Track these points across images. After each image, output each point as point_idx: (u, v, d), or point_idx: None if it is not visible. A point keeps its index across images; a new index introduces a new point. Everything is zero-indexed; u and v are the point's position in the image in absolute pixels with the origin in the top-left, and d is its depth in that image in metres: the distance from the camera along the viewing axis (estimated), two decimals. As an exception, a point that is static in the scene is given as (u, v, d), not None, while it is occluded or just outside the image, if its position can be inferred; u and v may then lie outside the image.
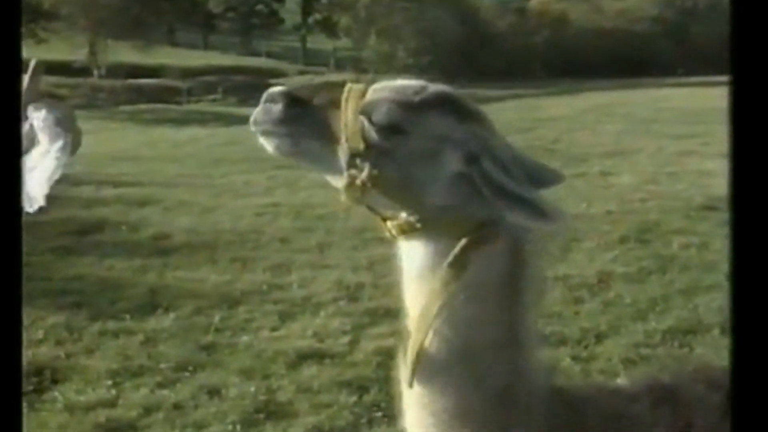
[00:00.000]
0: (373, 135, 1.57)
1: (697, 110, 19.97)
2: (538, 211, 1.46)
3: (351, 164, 1.58)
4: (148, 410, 4.65)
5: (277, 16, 79.36)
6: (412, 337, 1.60)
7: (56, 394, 4.85)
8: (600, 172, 12.65)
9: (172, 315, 6.18)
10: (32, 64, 1.73)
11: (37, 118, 1.61)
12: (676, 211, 9.48)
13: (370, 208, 1.65)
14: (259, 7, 77.03)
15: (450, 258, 1.55)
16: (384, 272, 7.03)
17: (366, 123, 1.58)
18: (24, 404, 4.68)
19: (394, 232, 1.62)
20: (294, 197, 11.09)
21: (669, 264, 7.35)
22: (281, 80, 52.56)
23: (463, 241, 1.54)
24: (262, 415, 4.59)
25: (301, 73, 58.15)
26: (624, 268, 7.22)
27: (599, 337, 5.57)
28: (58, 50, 45.18)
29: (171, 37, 65.79)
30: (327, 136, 1.61)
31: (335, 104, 1.62)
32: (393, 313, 6.10)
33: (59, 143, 1.61)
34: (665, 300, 6.35)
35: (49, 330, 5.80)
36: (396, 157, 1.57)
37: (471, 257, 1.54)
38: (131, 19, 47.02)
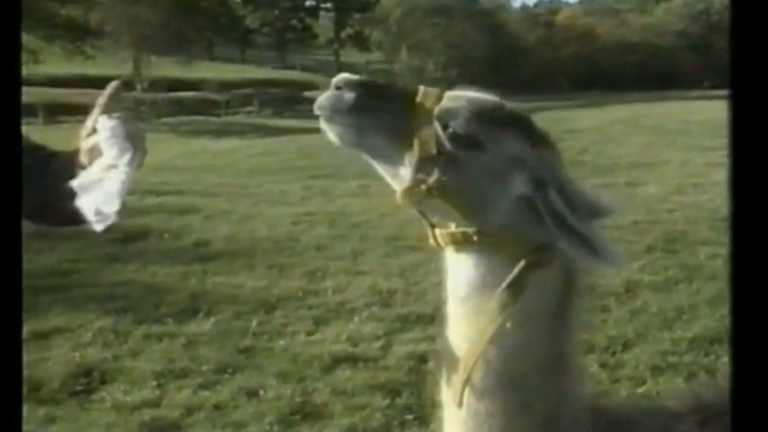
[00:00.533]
0: (447, 143, 1.52)
1: (723, 123, 19.57)
2: (595, 251, 1.42)
3: (420, 168, 1.52)
4: (190, 410, 4.70)
5: (311, 31, 79.72)
6: (463, 359, 1.54)
7: (104, 394, 4.90)
8: (627, 183, 12.58)
9: (212, 319, 6.22)
10: (113, 84, 1.75)
11: (104, 129, 1.65)
12: (702, 221, 9.40)
13: (422, 214, 1.59)
14: (294, 22, 77.44)
15: (509, 279, 1.49)
16: (416, 279, 7.06)
17: (441, 130, 1.53)
18: (74, 403, 4.76)
19: (442, 240, 1.57)
20: (329, 206, 11.14)
21: (695, 273, 7.28)
22: (315, 93, 52.62)
23: (523, 263, 1.49)
24: (298, 417, 4.62)
25: (335, 86, 58.27)
26: (651, 277, 7.17)
27: (626, 345, 5.54)
28: (104, 66, 45.69)
29: (210, 52, 66.29)
30: (396, 135, 1.55)
31: (409, 104, 1.56)
32: (424, 319, 6.12)
33: (127, 158, 1.64)
34: (692, 309, 6.29)
35: (97, 333, 5.87)
36: (467, 169, 1.51)
37: (528, 280, 1.49)
38: (172, 35, 47.44)
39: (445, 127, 1.53)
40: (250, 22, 72.83)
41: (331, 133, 1.60)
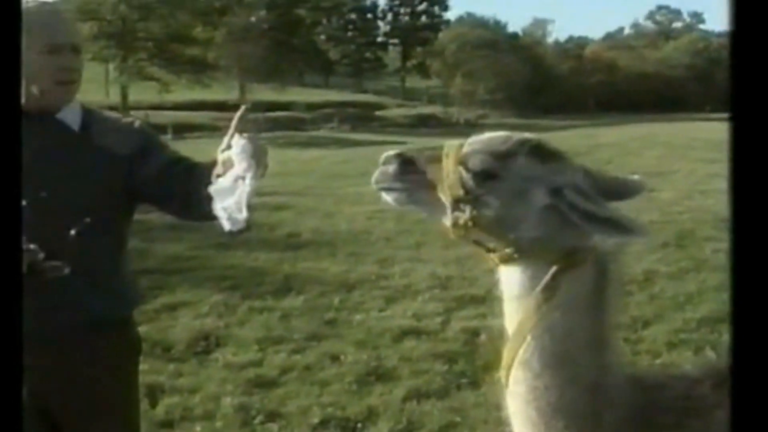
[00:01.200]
0: (470, 182, 1.52)
1: (722, 140, 18.89)
2: (622, 228, 1.39)
3: (454, 208, 1.53)
4: (285, 370, 4.75)
5: (381, 61, 79.74)
6: (509, 346, 1.56)
7: (218, 355, 4.99)
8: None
9: (302, 297, 6.27)
10: (242, 108, 1.80)
11: (237, 145, 1.70)
12: (707, 222, 9.13)
13: (476, 242, 1.58)
14: (368, 54, 77.56)
15: (542, 284, 1.49)
16: (469, 267, 7.00)
17: (464, 172, 1.53)
18: (196, 362, 4.85)
19: (496, 261, 1.56)
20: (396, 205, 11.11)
21: (702, 265, 7.09)
22: (384, 111, 52.98)
23: (554, 269, 1.48)
24: (372, 378, 4.62)
25: (399, 106, 58.26)
26: (666, 268, 7.00)
27: (646, 324, 5.42)
28: (217, 92, 46.59)
29: (300, 79, 66.86)
30: (433, 187, 1.56)
31: (438, 159, 1.56)
32: (477, 300, 6.08)
33: (252, 172, 1.67)
34: (700, 294, 6.13)
35: (212, 306, 5.96)
36: (491, 199, 1.50)
37: (561, 282, 1.48)
38: (270, 66, 48.02)
39: (466, 169, 1.53)
40: (332, 55, 73.18)
41: (389, 198, 1.64)
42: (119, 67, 46.01)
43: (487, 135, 1.58)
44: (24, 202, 2.08)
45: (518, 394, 1.57)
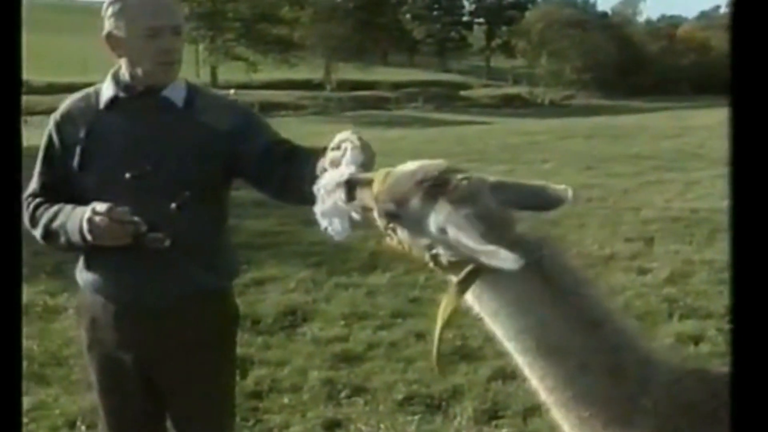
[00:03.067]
0: (383, 215, 1.65)
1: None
2: (497, 258, 1.43)
3: (385, 233, 1.68)
4: (371, 346, 4.79)
5: (466, 41, 78.90)
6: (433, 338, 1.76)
7: (305, 329, 5.07)
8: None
9: (387, 274, 6.28)
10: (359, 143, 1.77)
11: (349, 152, 1.70)
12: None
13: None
14: (453, 34, 76.93)
15: (454, 282, 1.58)
16: (555, 249, 6.87)
17: (378, 207, 1.66)
18: (283, 336, 4.95)
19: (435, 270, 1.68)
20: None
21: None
22: (469, 92, 52.44)
23: (464, 271, 1.55)
24: (457, 356, 4.60)
25: (485, 86, 57.60)
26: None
27: None
28: (303, 71, 47.25)
29: (384, 59, 66.91)
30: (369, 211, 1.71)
31: (369, 186, 1.69)
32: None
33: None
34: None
35: (299, 282, 6.05)
36: (400, 232, 1.64)
37: (472, 281, 1.56)
38: (355, 46, 48.34)
39: (380, 205, 1.66)
40: (416, 34, 72.90)
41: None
42: (209, 47, 47.26)
43: (402, 170, 1.67)
44: (128, 175, 2.17)
45: (543, 390, 1.59)
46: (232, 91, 25.09)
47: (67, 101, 2.35)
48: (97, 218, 2.09)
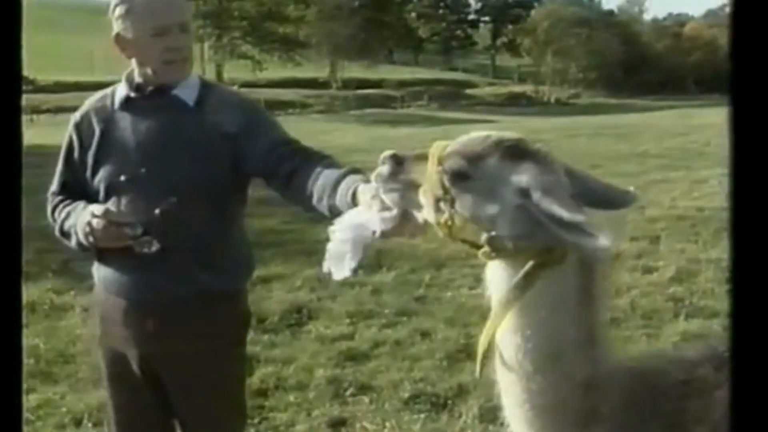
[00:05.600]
0: (446, 182, 1.52)
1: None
2: (586, 234, 1.35)
3: (436, 208, 1.53)
4: (376, 344, 4.78)
5: (471, 39, 78.87)
6: (481, 340, 1.59)
7: (311, 327, 5.07)
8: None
9: (393, 273, 6.28)
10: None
11: (374, 197, 1.69)
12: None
13: (462, 241, 1.56)
14: (458, 32, 76.94)
15: (515, 280, 1.48)
16: (561, 248, 6.87)
17: (443, 173, 1.52)
18: (289, 334, 4.95)
19: (483, 258, 1.55)
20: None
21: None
22: (475, 90, 52.37)
23: (528, 265, 1.46)
24: (462, 355, 4.60)
25: (490, 84, 57.54)
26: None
27: None
28: (308, 70, 47.27)
29: (389, 57, 66.89)
30: (418, 187, 1.57)
31: (424, 159, 1.57)
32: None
33: (375, 229, 1.66)
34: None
35: (305, 280, 6.04)
36: (465, 199, 1.50)
37: (537, 278, 1.46)
38: (361, 44, 48.31)
39: (444, 170, 1.52)
40: (422, 32, 72.91)
41: (385, 199, 1.63)
42: (214, 45, 47.32)
43: (469, 135, 1.57)
44: (123, 178, 2.17)
45: (513, 395, 1.57)
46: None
47: (87, 102, 2.36)
48: (94, 221, 2.10)
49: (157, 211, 2.13)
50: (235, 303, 2.36)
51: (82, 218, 2.17)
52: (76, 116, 2.33)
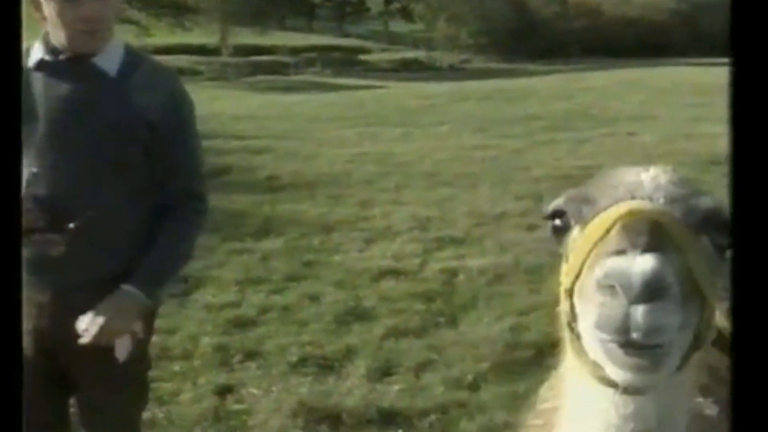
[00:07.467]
0: None
1: (704, 84, 18.96)
2: None
3: None
4: (264, 310, 4.76)
5: (364, 5, 78.14)
6: None
7: (197, 296, 4.97)
8: (627, 133, 12.21)
9: (281, 238, 6.24)
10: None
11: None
12: (688, 164, 9.13)
13: None
14: (351, -2, 76.36)
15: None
16: (449, 208, 6.99)
17: None
18: (175, 303, 4.80)
19: None
20: (377, 148, 11.01)
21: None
22: (368, 56, 52.29)
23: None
24: (351, 317, 4.65)
25: (384, 50, 57.54)
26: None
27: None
28: (198, 36, 45.72)
29: (282, 24, 65.56)
30: None
31: None
32: (456, 241, 6.09)
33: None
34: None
35: (190, 248, 5.91)
36: None
37: None
38: (252, 10, 47.09)
39: None
40: (315, -2, 71.95)
41: None
42: (96, 9, 44.98)
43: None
44: (32, 169, 2.01)
45: None
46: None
47: None
48: None
49: (71, 225, 1.99)
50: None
51: None
52: None
